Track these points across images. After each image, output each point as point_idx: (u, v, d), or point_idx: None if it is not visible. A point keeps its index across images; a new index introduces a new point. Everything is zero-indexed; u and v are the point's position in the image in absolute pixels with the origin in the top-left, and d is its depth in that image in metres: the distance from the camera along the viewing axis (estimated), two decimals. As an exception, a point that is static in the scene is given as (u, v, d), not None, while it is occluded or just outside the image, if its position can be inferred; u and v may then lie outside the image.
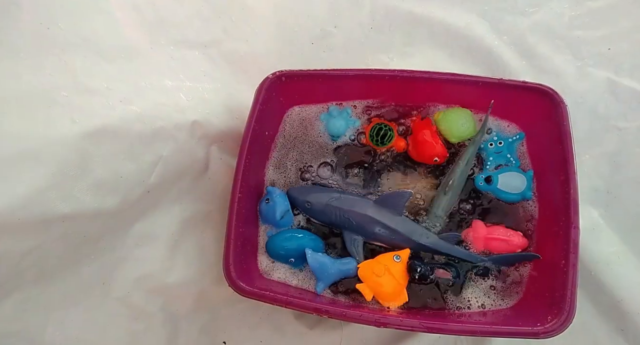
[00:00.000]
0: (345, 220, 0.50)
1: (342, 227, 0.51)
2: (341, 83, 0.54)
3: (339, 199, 0.51)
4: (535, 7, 0.64)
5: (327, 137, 0.56)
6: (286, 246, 0.50)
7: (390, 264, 0.47)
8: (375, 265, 0.47)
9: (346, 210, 0.50)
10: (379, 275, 0.46)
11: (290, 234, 0.51)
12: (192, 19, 0.59)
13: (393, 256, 0.48)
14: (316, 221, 0.53)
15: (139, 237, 0.50)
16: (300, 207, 0.52)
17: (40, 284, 0.43)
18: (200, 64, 0.58)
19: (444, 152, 0.53)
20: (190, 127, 0.51)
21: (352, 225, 0.50)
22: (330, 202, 0.51)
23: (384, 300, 0.47)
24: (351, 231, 0.51)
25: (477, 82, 0.51)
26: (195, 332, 0.53)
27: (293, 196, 0.52)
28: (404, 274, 0.48)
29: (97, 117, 0.43)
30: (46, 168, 0.40)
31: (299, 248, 0.50)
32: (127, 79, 0.49)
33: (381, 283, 0.46)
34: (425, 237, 0.50)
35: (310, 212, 0.52)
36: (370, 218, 0.49)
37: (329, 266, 0.48)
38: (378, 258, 0.48)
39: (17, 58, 0.42)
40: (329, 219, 0.51)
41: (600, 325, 0.55)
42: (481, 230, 0.51)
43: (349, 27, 0.64)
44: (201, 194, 0.55)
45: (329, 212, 0.51)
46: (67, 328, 0.45)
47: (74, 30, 0.46)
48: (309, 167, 0.55)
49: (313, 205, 0.51)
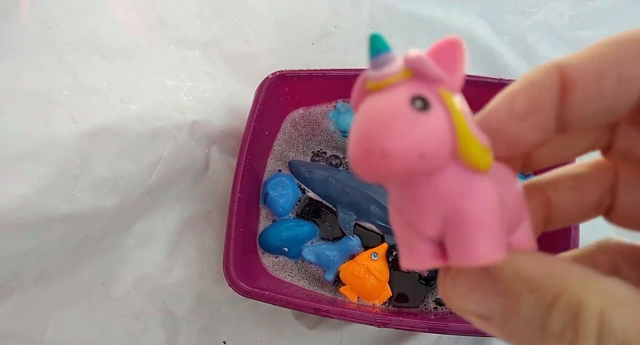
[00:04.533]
0: (343, 193, 0.51)
1: (337, 203, 0.52)
2: (342, 83, 0.54)
3: (340, 174, 0.52)
4: (535, 7, 0.64)
5: (336, 135, 0.56)
6: (279, 236, 0.51)
7: (369, 262, 0.48)
8: (354, 267, 0.48)
9: (346, 185, 0.50)
10: (359, 276, 0.47)
11: (281, 225, 0.52)
12: (192, 19, 0.59)
13: (370, 254, 0.48)
14: (312, 194, 0.53)
15: (139, 237, 0.50)
16: (301, 176, 0.53)
17: (40, 284, 0.43)
18: (201, 63, 0.58)
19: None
20: (190, 127, 0.51)
21: (349, 201, 0.50)
22: (332, 174, 0.51)
23: (368, 299, 0.48)
24: (346, 207, 0.51)
25: (477, 82, 0.51)
26: (195, 332, 0.52)
27: (296, 165, 0.53)
28: (384, 270, 0.48)
29: (98, 117, 0.43)
30: (46, 168, 0.39)
31: (292, 237, 0.50)
32: (127, 79, 0.49)
33: (363, 283, 0.47)
34: None
35: (310, 182, 0.52)
36: (368, 196, 0.50)
37: (329, 252, 0.49)
38: (356, 259, 0.49)
39: (17, 58, 0.42)
40: (327, 190, 0.51)
41: (600, 325, 0.55)
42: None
43: (349, 27, 0.64)
44: (201, 194, 0.55)
45: (328, 183, 0.51)
46: (67, 328, 0.45)
47: (74, 30, 0.46)
48: (323, 152, 0.55)
49: (314, 175, 0.52)
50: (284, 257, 0.52)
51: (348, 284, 0.48)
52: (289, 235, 0.51)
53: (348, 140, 0.14)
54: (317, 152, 0.55)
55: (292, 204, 0.53)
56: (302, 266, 0.51)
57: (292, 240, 0.51)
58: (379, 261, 0.48)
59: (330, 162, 0.55)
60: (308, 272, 0.51)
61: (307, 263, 0.51)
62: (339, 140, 0.56)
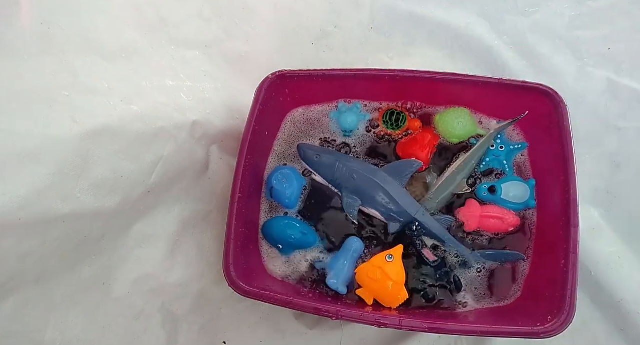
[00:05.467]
0: (349, 179, 0.51)
1: (342, 187, 0.52)
2: (341, 83, 0.54)
3: (348, 160, 0.52)
4: (535, 7, 0.64)
5: (336, 134, 0.56)
6: (281, 234, 0.51)
7: (384, 264, 0.47)
8: (369, 269, 0.47)
9: (353, 170, 0.51)
10: (375, 278, 0.47)
11: (288, 221, 0.52)
12: (192, 19, 0.59)
13: (385, 256, 0.48)
14: (318, 178, 0.53)
15: (139, 237, 0.50)
16: (309, 160, 0.53)
17: (40, 284, 0.43)
18: (201, 64, 0.58)
19: (426, 163, 0.53)
20: (190, 127, 0.51)
21: (354, 187, 0.51)
22: (340, 159, 0.51)
23: (385, 302, 0.47)
24: (351, 193, 0.51)
25: (477, 82, 0.51)
26: (195, 332, 0.52)
27: (304, 148, 0.53)
28: (401, 272, 0.48)
29: (98, 117, 0.43)
30: (46, 168, 0.39)
31: (291, 237, 0.51)
32: (127, 79, 0.49)
33: (379, 286, 0.46)
34: (420, 214, 0.50)
35: (317, 165, 0.52)
36: (374, 182, 0.50)
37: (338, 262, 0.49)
38: (371, 261, 0.48)
39: (17, 58, 0.42)
40: (333, 175, 0.51)
41: (600, 325, 0.55)
42: (475, 209, 0.51)
43: (349, 27, 0.64)
44: (201, 194, 0.55)
45: (335, 167, 0.51)
46: (67, 328, 0.45)
47: (74, 30, 0.46)
48: (333, 140, 0.56)
49: (322, 159, 0.52)
50: (284, 257, 0.52)
51: (364, 286, 0.47)
52: (291, 240, 0.51)
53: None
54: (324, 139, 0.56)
55: (298, 196, 0.53)
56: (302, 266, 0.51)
57: (290, 244, 0.51)
58: (395, 263, 0.47)
59: (339, 150, 0.55)
60: (309, 270, 0.51)
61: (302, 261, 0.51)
62: (342, 139, 0.56)
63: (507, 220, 0.51)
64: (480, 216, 0.51)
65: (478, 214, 0.51)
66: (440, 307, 0.49)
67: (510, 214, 0.51)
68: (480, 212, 0.51)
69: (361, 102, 0.56)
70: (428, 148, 0.53)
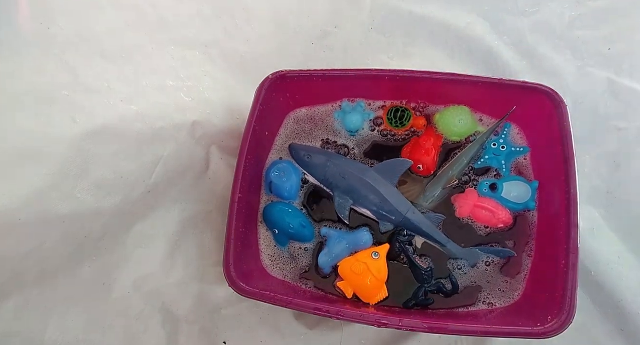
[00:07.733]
0: (340, 179, 0.51)
1: (334, 187, 0.52)
2: (342, 83, 0.54)
3: (339, 159, 0.52)
4: (535, 7, 0.64)
5: (339, 135, 0.56)
6: (280, 221, 0.51)
7: (369, 261, 0.48)
8: (354, 263, 0.48)
9: (344, 170, 0.51)
10: (358, 273, 0.47)
11: (291, 209, 0.52)
12: (192, 19, 0.59)
13: (371, 253, 0.48)
14: (310, 178, 0.53)
15: (139, 237, 0.50)
16: (299, 160, 0.53)
17: (40, 284, 0.43)
18: (201, 63, 0.58)
19: (433, 166, 0.53)
20: (190, 127, 0.51)
21: (345, 186, 0.51)
22: (330, 158, 0.51)
23: (364, 297, 0.48)
24: (343, 192, 0.51)
25: (477, 82, 0.51)
26: (195, 332, 0.52)
27: (295, 148, 0.53)
28: (383, 270, 0.48)
29: (98, 117, 0.44)
30: (46, 168, 0.40)
31: (290, 225, 0.51)
32: (127, 79, 0.49)
33: (360, 280, 0.47)
34: (411, 212, 0.50)
35: (308, 165, 0.52)
36: (364, 182, 0.50)
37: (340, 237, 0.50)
38: (356, 255, 0.49)
39: (17, 58, 0.42)
40: (324, 175, 0.51)
41: (600, 325, 0.55)
42: (472, 197, 0.52)
43: (349, 27, 0.64)
44: (201, 194, 0.55)
45: (326, 167, 0.51)
46: (67, 328, 0.45)
47: (74, 30, 0.46)
48: (334, 141, 0.55)
49: (312, 159, 0.52)
50: (284, 258, 0.52)
51: (346, 279, 0.48)
52: (290, 229, 0.51)
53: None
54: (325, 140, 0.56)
55: (297, 188, 0.53)
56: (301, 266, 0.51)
57: (288, 232, 0.51)
58: (379, 260, 0.48)
59: (338, 150, 0.55)
60: (310, 270, 0.51)
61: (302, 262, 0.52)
62: (347, 139, 0.56)
63: (498, 215, 0.51)
64: (474, 205, 0.51)
65: (472, 202, 0.51)
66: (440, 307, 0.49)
67: (504, 211, 0.51)
68: (475, 201, 0.51)
69: (364, 100, 0.56)
70: (433, 150, 0.53)
